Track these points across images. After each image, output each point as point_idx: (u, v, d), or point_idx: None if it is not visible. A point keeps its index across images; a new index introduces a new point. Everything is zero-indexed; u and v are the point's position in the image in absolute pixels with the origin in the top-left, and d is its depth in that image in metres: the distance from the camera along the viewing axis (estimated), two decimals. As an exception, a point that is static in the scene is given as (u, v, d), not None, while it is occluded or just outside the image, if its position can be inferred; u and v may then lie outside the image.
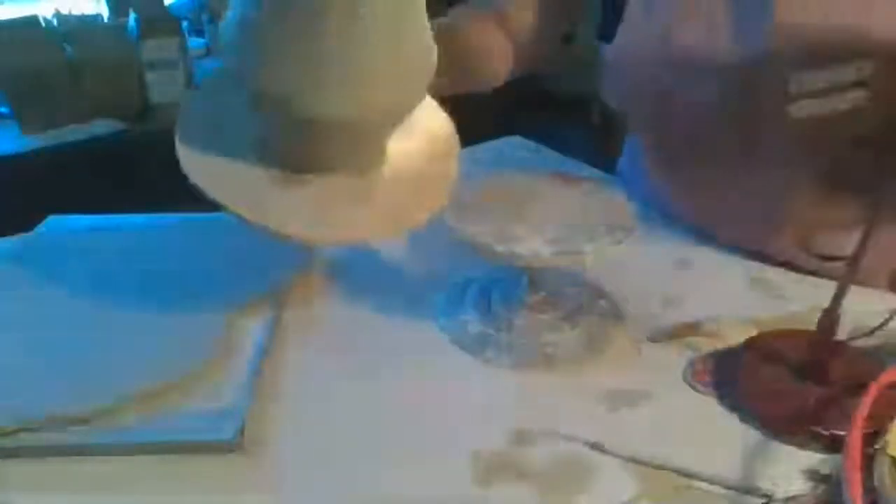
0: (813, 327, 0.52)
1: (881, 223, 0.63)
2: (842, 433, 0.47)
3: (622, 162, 0.89)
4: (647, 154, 0.77)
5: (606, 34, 0.68)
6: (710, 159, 0.68)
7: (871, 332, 0.55)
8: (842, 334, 0.52)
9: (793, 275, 0.68)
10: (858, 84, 0.53)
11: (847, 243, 0.48)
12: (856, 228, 0.46)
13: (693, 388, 0.55)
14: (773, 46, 0.56)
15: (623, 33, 0.66)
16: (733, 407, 0.53)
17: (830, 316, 0.50)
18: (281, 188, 0.48)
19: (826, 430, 0.49)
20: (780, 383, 0.53)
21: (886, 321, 0.57)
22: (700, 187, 0.73)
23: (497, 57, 0.75)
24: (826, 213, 0.64)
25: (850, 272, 0.47)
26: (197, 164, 0.47)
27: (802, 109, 0.56)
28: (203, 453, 0.47)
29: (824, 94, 0.55)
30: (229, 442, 0.48)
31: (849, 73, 0.53)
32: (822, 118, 0.56)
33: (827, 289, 0.50)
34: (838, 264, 0.49)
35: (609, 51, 0.67)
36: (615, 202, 0.60)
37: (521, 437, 0.50)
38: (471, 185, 0.62)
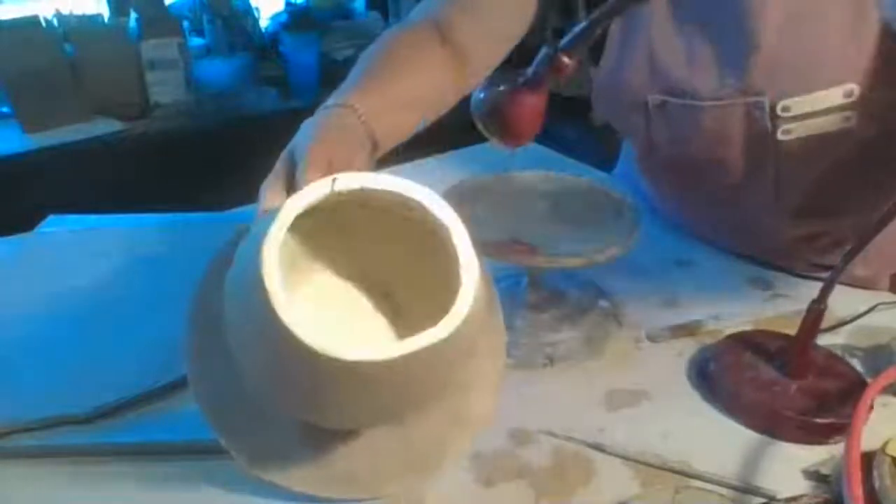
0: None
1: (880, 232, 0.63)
2: (818, 420, 0.49)
3: (621, 162, 0.89)
4: (638, 163, 0.77)
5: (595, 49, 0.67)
6: (697, 181, 0.68)
7: (837, 326, 0.60)
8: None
9: (792, 275, 0.68)
10: (845, 106, 0.54)
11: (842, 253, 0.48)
12: (846, 242, 0.46)
13: (691, 387, 0.55)
14: (757, 75, 0.56)
15: (607, 59, 0.65)
16: (714, 400, 0.53)
17: (816, 310, 0.50)
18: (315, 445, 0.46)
19: (802, 421, 0.49)
20: (754, 376, 0.53)
21: (855, 318, 0.61)
22: (689, 201, 0.74)
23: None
24: (817, 227, 0.64)
25: (835, 273, 0.48)
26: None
27: (790, 132, 0.56)
28: (203, 453, 0.47)
29: (811, 117, 0.55)
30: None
31: (836, 96, 0.53)
32: (808, 139, 0.56)
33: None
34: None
35: (596, 74, 0.67)
36: (616, 202, 0.60)
37: (521, 437, 0.50)
38: (471, 184, 0.62)
